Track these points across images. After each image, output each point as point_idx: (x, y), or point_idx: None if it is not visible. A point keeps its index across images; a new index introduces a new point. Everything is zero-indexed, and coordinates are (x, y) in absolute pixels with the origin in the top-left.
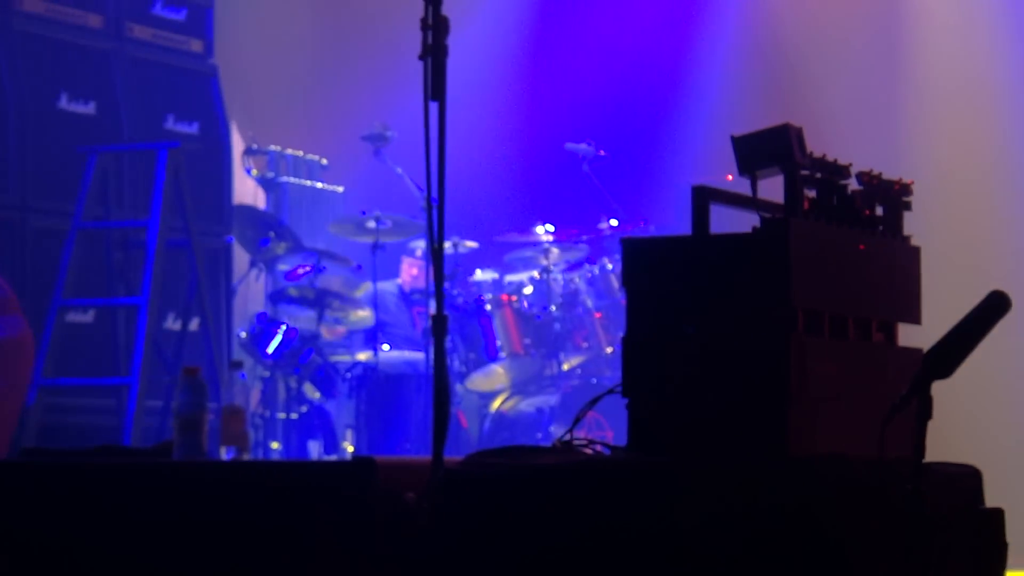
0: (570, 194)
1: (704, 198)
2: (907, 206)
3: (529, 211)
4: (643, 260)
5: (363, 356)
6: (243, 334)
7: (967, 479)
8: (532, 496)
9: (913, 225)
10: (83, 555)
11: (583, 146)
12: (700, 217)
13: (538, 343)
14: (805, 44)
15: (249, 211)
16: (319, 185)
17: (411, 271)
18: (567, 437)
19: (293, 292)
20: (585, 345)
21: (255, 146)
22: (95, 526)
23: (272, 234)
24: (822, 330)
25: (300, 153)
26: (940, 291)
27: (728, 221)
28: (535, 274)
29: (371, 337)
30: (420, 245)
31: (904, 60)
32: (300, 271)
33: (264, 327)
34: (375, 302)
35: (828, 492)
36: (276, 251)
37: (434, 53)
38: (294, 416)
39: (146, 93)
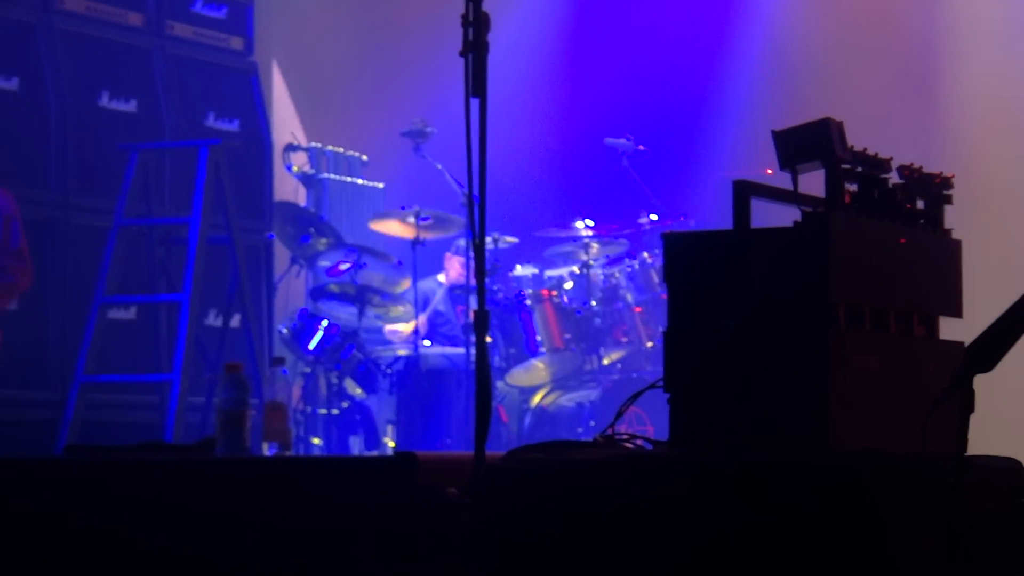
0: (610, 189)
1: (745, 193)
2: (948, 200)
3: (569, 206)
4: (684, 255)
5: (404, 351)
6: (284, 330)
7: (1009, 473)
8: (574, 491)
9: (954, 219)
10: (127, 551)
11: (622, 141)
12: (741, 211)
13: (578, 338)
14: (845, 37)
15: (290, 208)
16: (360, 181)
17: (456, 267)
18: (608, 432)
19: (334, 288)
20: (625, 340)
21: (296, 143)
22: (138, 522)
23: (313, 230)
24: (863, 324)
25: (340, 149)
26: (981, 285)
27: (769, 215)
28: (575, 269)
29: (427, 333)
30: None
31: (943, 52)
32: (341, 267)
33: (305, 323)
34: (415, 299)
35: (870, 486)
36: (317, 247)
37: (475, 49)
38: (335, 412)
39: (187, 91)
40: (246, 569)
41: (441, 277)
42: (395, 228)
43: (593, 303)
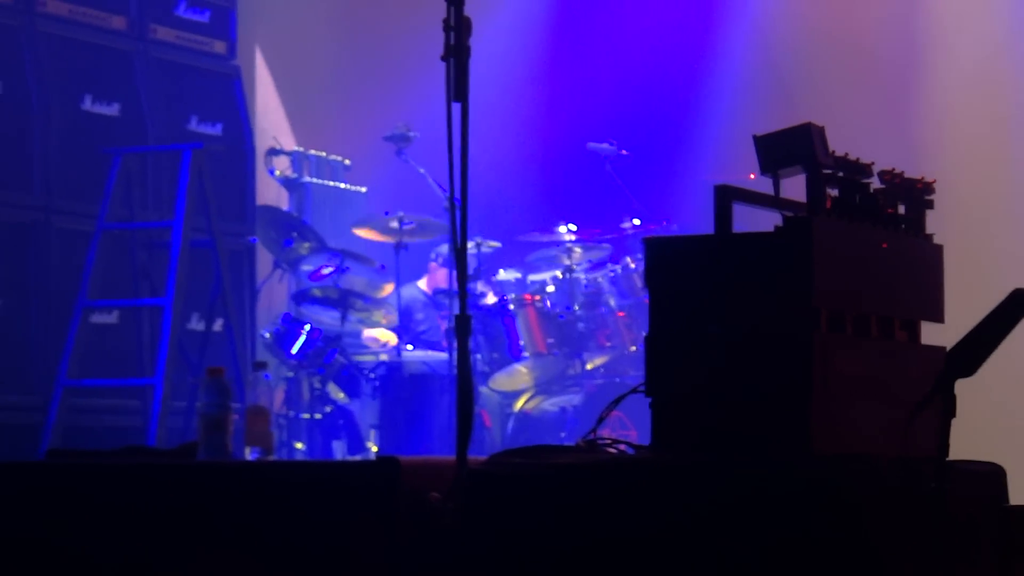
0: (593, 193)
1: (727, 197)
2: (929, 204)
3: (552, 211)
4: (666, 259)
5: (387, 356)
6: (267, 335)
7: (991, 477)
8: (556, 495)
9: (935, 223)
10: (108, 556)
11: (605, 145)
12: (723, 216)
13: (561, 342)
14: (825, 42)
15: (272, 212)
16: (342, 186)
17: (444, 275)
18: (591, 436)
19: (317, 292)
20: (608, 344)
21: (278, 147)
22: (120, 527)
23: (295, 234)
24: (845, 328)
25: (323, 154)
26: (963, 289)
27: (751, 220)
28: (558, 274)
29: (400, 337)
30: (444, 250)
31: (923, 57)
32: (324, 271)
33: (288, 327)
34: (398, 303)
35: (852, 491)
36: (299, 251)
37: (456, 54)
38: (318, 416)
39: (170, 94)
40: (227, 573)
41: (421, 283)
42: (376, 234)
43: (576, 308)
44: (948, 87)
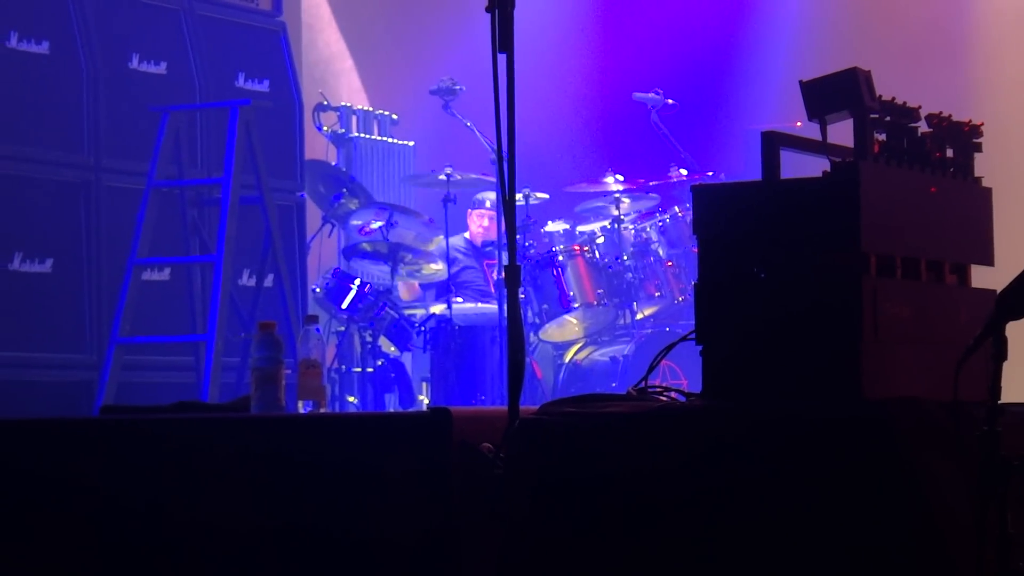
0: (639, 143)
1: (774, 144)
2: (977, 147)
3: (599, 161)
4: (714, 207)
5: (437, 309)
6: (317, 289)
7: None
8: (608, 444)
9: (984, 166)
10: (163, 510)
11: (651, 95)
12: (770, 163)
13: (611, 293)
14: None
15: (321, 167)
16: (390, 140)
17: (481, 223)
18: (642, 385)
19: (366, 247)
20: (658, 294)
21: (326, 102)
22: (174, 482)
23: (344, 190)
24: (894, 273)
25: (370, 108)
26: (1012, 232)
27: (798, 168)
28: (606, 224)
29: (443, 290)
30: (488, 196)
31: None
32: (372, 226)
33: (338, 282)
34: (446, 255)
35: (902, 435)
36: (348, 206)
37: (501, 5)
38: (370, 370)
39: (216, 52)
40: (282, 526)
41: (468, 234)
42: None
43: (625, 258)
44: (999, 29)
